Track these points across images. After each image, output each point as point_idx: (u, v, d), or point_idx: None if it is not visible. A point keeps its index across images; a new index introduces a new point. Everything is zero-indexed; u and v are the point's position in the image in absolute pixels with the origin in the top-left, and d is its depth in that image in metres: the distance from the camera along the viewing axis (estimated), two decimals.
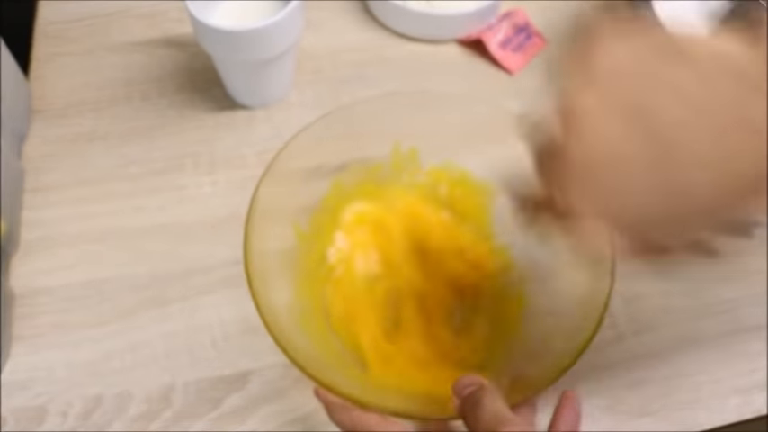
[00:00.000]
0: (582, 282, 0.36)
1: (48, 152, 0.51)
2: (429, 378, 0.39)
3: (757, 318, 0.46)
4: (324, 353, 0.38)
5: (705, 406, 0.42)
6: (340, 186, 0.43)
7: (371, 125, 0.42)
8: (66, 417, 0.40)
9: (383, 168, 0.44)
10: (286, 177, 0.39)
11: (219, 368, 0.42)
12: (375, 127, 0.42)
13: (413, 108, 0.42)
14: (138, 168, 0.50)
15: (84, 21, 0.59)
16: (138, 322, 0.43)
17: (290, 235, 0.41)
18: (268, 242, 0.37)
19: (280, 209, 0.39)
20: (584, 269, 0.36)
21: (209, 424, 0.40)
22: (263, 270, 0.36)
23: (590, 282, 0.36)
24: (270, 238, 0.37)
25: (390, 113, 0.42)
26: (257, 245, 0.36)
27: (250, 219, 0.36)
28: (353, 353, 0.40)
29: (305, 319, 0.39)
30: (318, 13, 0.61)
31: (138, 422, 0.40)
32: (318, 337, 0.39)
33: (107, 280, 0.45)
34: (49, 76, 0.55)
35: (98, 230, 0.47)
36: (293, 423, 0.40)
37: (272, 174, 0.38)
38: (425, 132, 0.43)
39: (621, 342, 0.44)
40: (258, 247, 0.36)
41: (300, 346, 0.34)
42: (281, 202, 0.39)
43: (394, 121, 0.42)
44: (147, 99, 0.54)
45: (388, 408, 0.31)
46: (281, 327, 0.34)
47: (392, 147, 0.44)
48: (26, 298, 0.44)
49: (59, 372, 0.42)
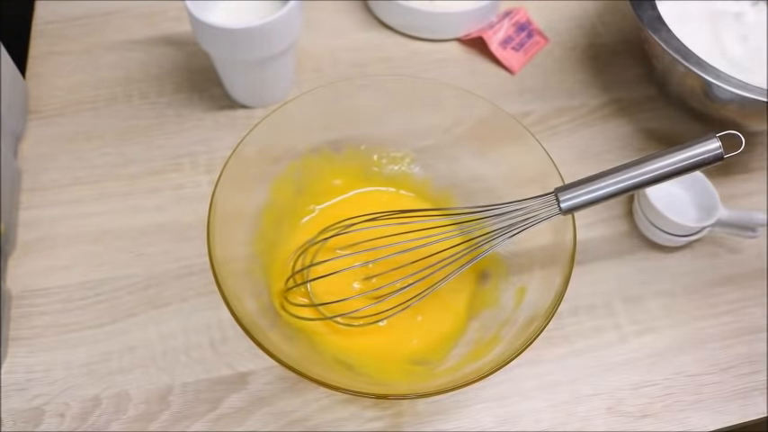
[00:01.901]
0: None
1: (45, 152, 0.51)
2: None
3: (759, 319, 0.45)
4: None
5: (707, 407, 0.42)
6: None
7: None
8: (64, 418, 0.40)
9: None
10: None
11: (218, 369, 0.42)
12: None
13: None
14: (136, 168, 0.50)
15: (82, 20, 0.59)
16: (136, 323, 0.43)
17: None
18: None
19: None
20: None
21: (208, 425, 0.40)
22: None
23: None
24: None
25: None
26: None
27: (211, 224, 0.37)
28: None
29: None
30: (318, 13, 0.60)
31: (137, 423, 0.40)
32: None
33: (105, 280, 0.45)
34: (46, 76, 0.55)
35: (96, 230, 0.47)
36: (292, 424, 0.40)
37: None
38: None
39: (623, 343, 0.44)
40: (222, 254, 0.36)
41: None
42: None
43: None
44: (146, 98, 0.54)
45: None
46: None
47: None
48: (23, 299, 0.44)
49: (57, 373, 0.41)
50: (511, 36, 0.59)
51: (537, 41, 0.60)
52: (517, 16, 0.60)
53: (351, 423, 0.40)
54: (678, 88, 0.52)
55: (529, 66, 0.59)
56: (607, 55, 0.61)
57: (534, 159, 0.41)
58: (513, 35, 0.59)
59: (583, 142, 0.54)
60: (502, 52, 0.58)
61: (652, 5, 0.51)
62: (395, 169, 0.47)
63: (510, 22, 0.60)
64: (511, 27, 0.59)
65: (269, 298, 0.41)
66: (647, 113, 0.57)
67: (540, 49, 0.60)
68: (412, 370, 0.40)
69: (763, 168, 0.54)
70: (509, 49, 0.58)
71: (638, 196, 0.48)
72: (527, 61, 0.59)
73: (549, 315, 0.35)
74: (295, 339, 0.39)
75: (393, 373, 0.40)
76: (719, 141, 0.34)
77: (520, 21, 0.60)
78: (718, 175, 0.51)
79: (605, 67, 0.60)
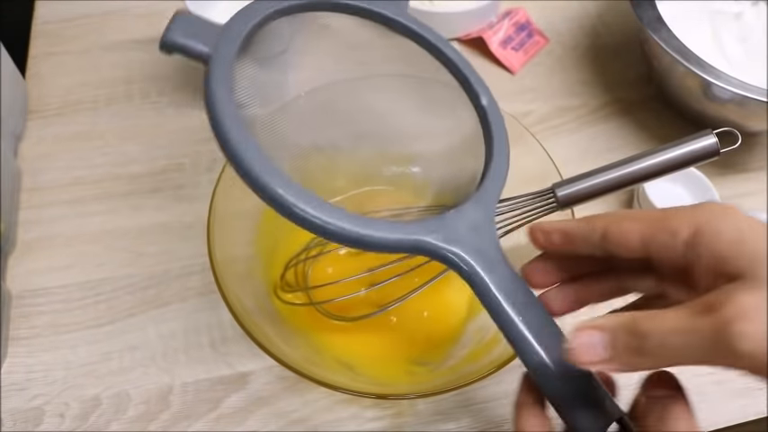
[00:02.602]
0: None
1: (45, 152, 0.51)
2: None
3: None
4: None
5: (708, 406, 0.42)
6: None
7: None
8: (64, 418, 0.40)
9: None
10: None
11: (218, 369, 0.42)
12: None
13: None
14: (137, 168, 0.50)
15: (82, 20, 0.59)
16: (136, 323, 0.43)
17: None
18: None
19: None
20: None
21: (208, 425, 0.40)
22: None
23: None
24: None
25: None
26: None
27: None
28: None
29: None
30: None
31: (137, 423, 0.40)
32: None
33: (105, 280, 0.45)
34: (46, 75, 0.55)
35: (96, 230, 0.47)
36: (292, 424, 0.40)
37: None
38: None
39: None
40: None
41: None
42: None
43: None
44: (147, 98, 0.54)
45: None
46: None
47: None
48: (23, 298, 0.44)
49: (57, 373, 0.41)
50: (511, 36, 0.59)
51: (537, 41, 0.60)
52: (517, 16, 0.60)
53: (351, 423, 0.40)
54: (678, 88, 0.52)
55: (529, 65, 0.59)
56: (607, 55, 0.61)
57: (534, 159, 0.41)
58: (513, 35, 0.59)
59: (583, 142, 0.54)
60: (502, 52, 0.58)
61: (652, 5, 0.51)
62: (395, 170, 0.47)
63: (510, 22, 0.60)
64: (511, 27, 0.59)
65: (269, 298, 0.41)
66: (647, 113, 0.57)
67: (540, 48, 0.60)
68: (412, 370, 0.40)
69: (763, 168, 0.54)
70: (509, 48, 0.58)
71: (638, 196, 0.48)
72: (527, 61, 0.59)
73: None
74: (295, 339, 0.39)
75: (393, 373, 0.40)
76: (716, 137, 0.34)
77: (520, 21, 0.60)
78: (718, 175, 0.51)
79: (605, 66, 0.60)
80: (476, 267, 0.28)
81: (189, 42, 0.30)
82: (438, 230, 0.29)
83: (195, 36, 0.30)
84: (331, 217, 0.28)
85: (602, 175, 0.35)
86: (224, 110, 0.28)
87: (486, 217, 0.31)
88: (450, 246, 0.29)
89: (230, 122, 0.28)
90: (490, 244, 0.29)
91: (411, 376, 0.40)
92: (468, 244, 0.29)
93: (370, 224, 0.28)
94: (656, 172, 0.35)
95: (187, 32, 0.30)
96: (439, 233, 0.29)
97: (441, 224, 0.29)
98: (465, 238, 0.29)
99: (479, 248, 0.29)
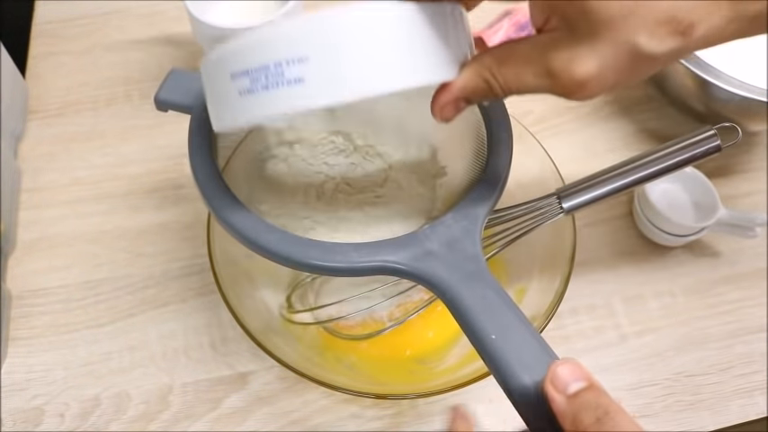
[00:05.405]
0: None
1: (45, 152, 0.51)
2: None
3: (759, 319, 0.45)
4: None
5: (707, 407, 0.42)
6: None
7: None
8: (64, 418, 0.40)
9: None
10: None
11: (218, 369, 0.42)
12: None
13: None
14: (136, 168, 0.50)
15: (82, 20, 0.59)
16: (136, 323, 0.43)
17: None
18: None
19: None
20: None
21: (208, 425, 0.40)
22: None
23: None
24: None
25: None
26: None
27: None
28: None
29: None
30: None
31: (137, 423, 0.40)
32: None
33: (104, 280, 0.45)
34: (46, 76, 0.55)
35: (95, 230, 0.47)
36: (292, 424, 0.40)
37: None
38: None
39: (623, 343, 0.44)
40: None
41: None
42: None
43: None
44: (146, 98, 0.54)
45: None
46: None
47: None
48: (23, 299, 0.44)
49: (56, 373, 0.41)
50: (511, 36, 0.59)
51: None
52: (517, 16, 0.60)
53: (351, 423, 0.40)
54: (678, 88, 0.52)
55: None
56: None
57: (534, 159, 0.41)
58: (513, 35, 0.59)
59: (583, 142, 0.54)
60: None
61: None
62: None
63: (510, 22, 0.60)
64: (511, 27, 0.59)
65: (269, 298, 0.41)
66: (647, 113, 0.57)
67: None
68: (412, 370, 0.40)
69: (763, 168, 0.54)
70: None
71: (638, 196, 0.48)
72: None
73: (549, 315, 0.35)
74: (295, 339, 0.39)
75: (393, 373, 0.40)
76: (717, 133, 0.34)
77: (520, 21, 0.60)
78: (718, 175, 0.51)
79: None
80: (445, 285, 0.27)
81: (175, 98, 0.34)
82: (407, 248, 0.28)
83: (182, 92, 0.34)
84: (292, 246, 0.28)
85: (608, 183, 0.35)
86: (198, 161, 0.31)
87: (466, 229, 0.29)
88: (417, 264, 0.28)
89: (203, 173, 0.30)
90: (467, 259, 0.28)
91: (411, 376, 0.40)
92: (438, 261, 0.28)
93: (336, 249, 0.28)
94: (659, 172, 0.35)
95: (174, 90, 0.34)
96: (407, 251, 0.28)
97: (410, 241, 0.28)
98: (437, 254, 0.28)
99: (453, 264, 0.27)
